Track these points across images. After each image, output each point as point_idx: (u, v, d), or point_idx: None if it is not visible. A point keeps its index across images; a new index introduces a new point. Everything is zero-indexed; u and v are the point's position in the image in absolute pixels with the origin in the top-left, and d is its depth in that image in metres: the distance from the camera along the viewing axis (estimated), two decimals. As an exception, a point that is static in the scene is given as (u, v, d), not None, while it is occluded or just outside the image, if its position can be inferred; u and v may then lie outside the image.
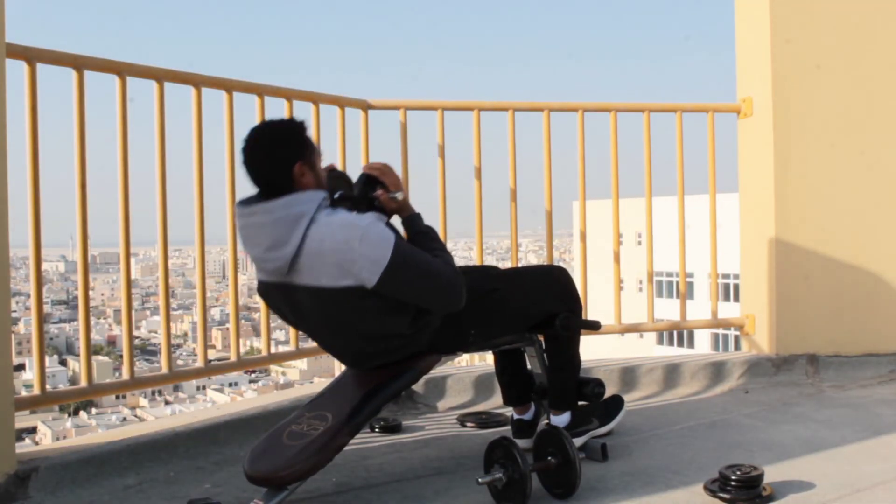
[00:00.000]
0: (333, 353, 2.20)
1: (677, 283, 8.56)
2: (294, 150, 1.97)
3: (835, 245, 3.32)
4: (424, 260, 1.96)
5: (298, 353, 2.93)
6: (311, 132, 2.07)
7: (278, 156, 1.95)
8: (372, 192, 2.10)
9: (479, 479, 1.92)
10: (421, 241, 2.06)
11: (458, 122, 3.26)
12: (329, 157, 2.39)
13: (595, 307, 3.13)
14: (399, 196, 2.10)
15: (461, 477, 2.16)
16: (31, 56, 2.19)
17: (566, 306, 2.28)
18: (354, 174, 2.71)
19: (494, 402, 2.93)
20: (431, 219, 2.16)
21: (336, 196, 2.04)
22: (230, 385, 43.32)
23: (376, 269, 1.86)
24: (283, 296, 2.00)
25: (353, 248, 1.86)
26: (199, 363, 2.68)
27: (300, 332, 2.93)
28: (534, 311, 2.25)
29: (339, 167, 2.97)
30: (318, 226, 1.89)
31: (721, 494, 1.91)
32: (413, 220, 2.12)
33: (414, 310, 1.99)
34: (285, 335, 2.55)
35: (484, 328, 2.15)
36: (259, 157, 1.97)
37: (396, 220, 2.15)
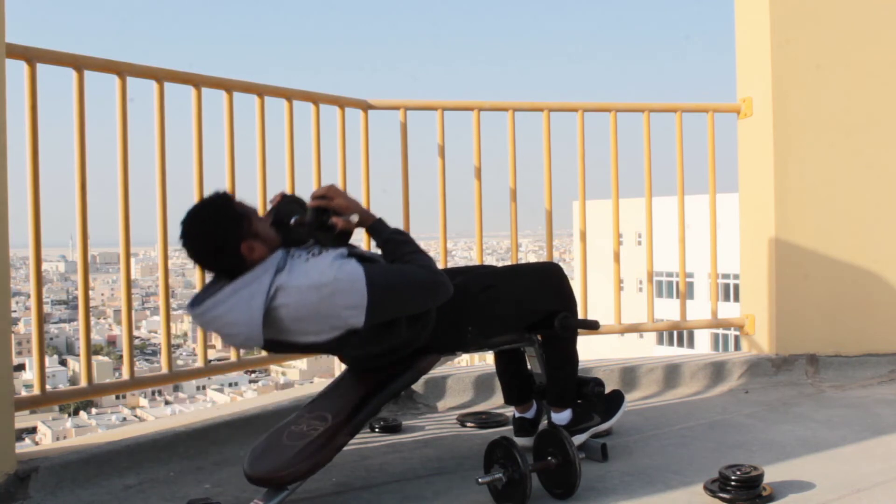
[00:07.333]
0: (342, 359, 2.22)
1: (677, 283, 8.56)
2: (232, 231, 1.89)
3: (834, 245, 3.32)
4: (399, 275, 1.94)
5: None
6: (237, 197, 1.99)
7: (220, 246, 1.89)
8: (327, 219, 2.02)
9: (479, 479, 1.92)
10: (391, 248, 2.03)
11: (458, 122, 3.27)
12: (329, 157, 2.39)
13: (595, 307, 3.13)
14: (354, 218, 2.04)
15: (461, 477, 2.16)
16: (31, 56, 2.19)
17: (562, 304, 2.28)
18: (354, 174, 2.70)
19: (494, 402, 2.93)
20: (431, 219, 2.16)
21: (291, 222, 1.99)
22: (230, 385, 43.32)
23: (359, 312, 1.84)
24: (276, 346, 1.97)
25: (330, 305, 1.84)
26: (199, 363, 2.68)
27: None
28: (529, 307, 2.25)
29: (339, 168, 2.98)
30: (288, 294, 1.84)
31: (721, 494, 1.91)
32: (377, 228, 2.07)
33: (405, 319, 1.99)
34: (285, 335, 2.55)
35: (481, 325, 2.15)
36: (201, 251, 1.93)
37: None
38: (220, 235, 1.89)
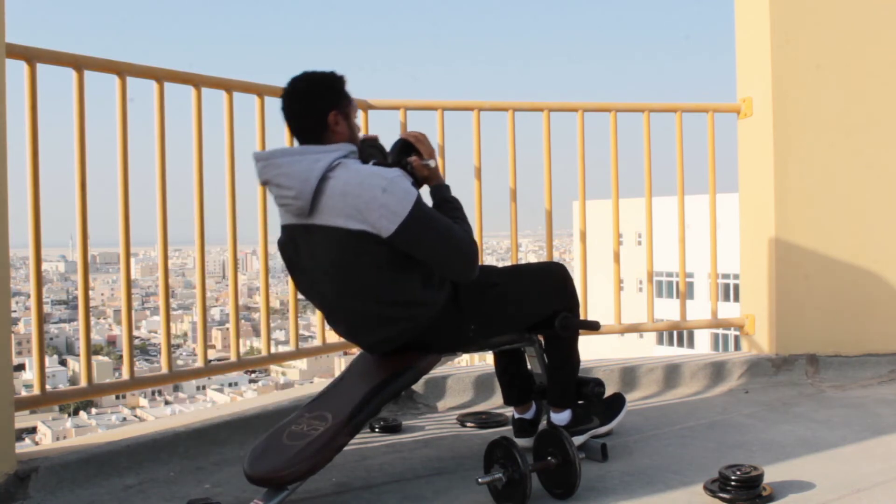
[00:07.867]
0: (341, 323, 2.14)
1: (677, 283, 8.56)
2: (330, 98, 2.04)
3: (835, 245, 3.32)
4: (443, 222, 2.01)
5: (298, 353, 2.93)
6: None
7: (314, 103, 2.03)
8: (406, 157, 2.16)
9: (479, 479, 1.92)
10: (445, 208, 2.12)
11: (458, 122, 3.27)
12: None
13: (595, 307, 3.13)
14: (432, 163, 2.16)
15: (461, 477, 2.16)
16: (31, 56, 2.19)
17: (565, 304, 2.28)
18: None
19: (494, 402, 2.93)
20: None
21: (371, 163, 2.08)
22: (230, 385, 43.32)
23: (394, 219, 1.91)
24: (300, 241, 2.03)
25: (374, 196, 1.91)
26: (199, 363, 2.68)
27: (300, 332, 2.94)
28: (533, 307, 2.25)
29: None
30: (346, 169, 1.96)
31: (721, 494, 1.91)
32: (440, 188, 2.18)
33: (423, 276, 2.00)
34: (285, 335, 2.55)
35: (483, 324, 2.15)
36: (296, 103, 2.06)
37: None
38: (320, 93, 2.05)
